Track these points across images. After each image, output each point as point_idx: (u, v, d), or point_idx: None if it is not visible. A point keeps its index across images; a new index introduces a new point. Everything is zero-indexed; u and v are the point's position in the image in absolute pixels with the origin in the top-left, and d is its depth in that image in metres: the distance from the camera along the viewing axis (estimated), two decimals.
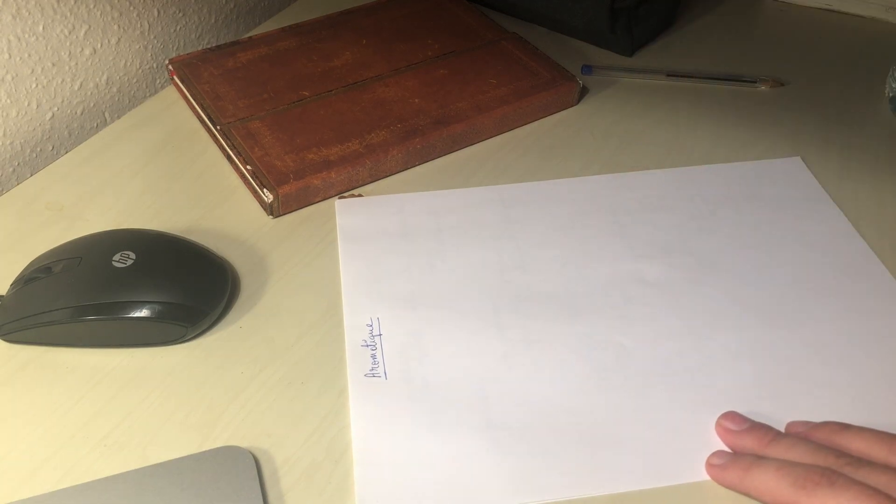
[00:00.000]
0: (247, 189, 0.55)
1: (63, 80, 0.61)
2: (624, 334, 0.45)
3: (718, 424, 0.41)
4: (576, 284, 0.48)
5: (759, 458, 0.37)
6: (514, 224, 0.52)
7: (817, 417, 0.40)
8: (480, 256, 0.50)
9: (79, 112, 0.64)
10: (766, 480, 0.36)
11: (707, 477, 0.39)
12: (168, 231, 0.50)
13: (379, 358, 0.44)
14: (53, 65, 0.60)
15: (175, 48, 0.70)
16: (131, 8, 0.65)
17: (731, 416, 0.41)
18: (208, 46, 0.66)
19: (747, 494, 0.37)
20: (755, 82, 0.65)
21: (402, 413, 0.42)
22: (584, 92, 0.64)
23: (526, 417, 0.41)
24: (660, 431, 0.41)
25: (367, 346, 0.45)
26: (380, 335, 0.45)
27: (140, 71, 0.67)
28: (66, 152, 0.59)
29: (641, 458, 0.40)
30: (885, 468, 0.35)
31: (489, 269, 0.49)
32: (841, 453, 0.36)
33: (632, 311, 0.47)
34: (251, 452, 0.39)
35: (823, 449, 0.37)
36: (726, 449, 0.40)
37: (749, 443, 0.39)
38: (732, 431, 0.40)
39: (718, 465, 0.39)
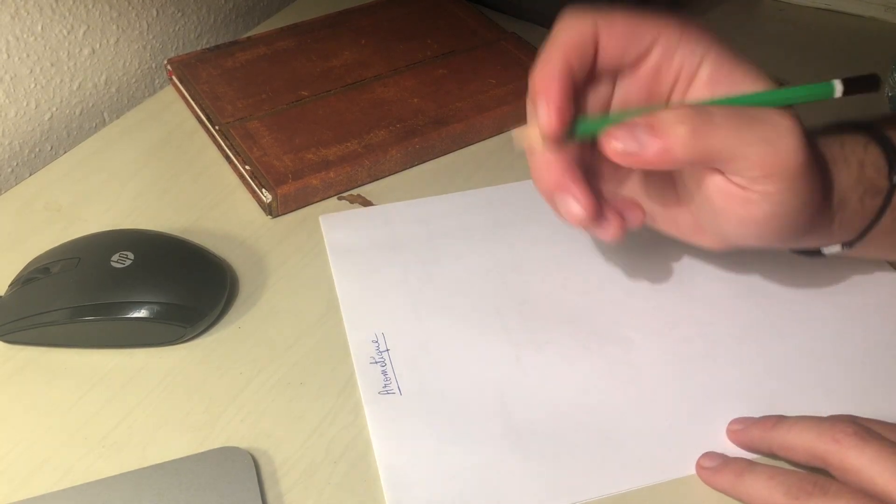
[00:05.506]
0: (245, 189, 0.55)
1: (62, 81, 0.61)
2: (629, 327, 0.45)
3: (727, 430, 0.41)
4: (574, 281, 0.48)
5: (751, 464, 0.37)
6: (504, 226, 0.52)
7: (827, 406, 0.41)
8: (476, 261, 0.50)
9: (77, 112, 0.64)
10: (759, 488, 0.36)
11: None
12: (166, 231, 0.49)
13: (390, 374, 0.43)
14: (52, 65, 0.60)
15: (174, 48, 0.70)
16: (130, 8, 0.64)
17: (735, 420, 0.41)
18: (207, 46, 0.66)
19: (739, 500, 0.37)
20: None
21: (423, 428, 0.41)
22: None
23: (549, 419, 0.41)
24: (681, 421, 0.41)
25: (377, 362, 0.44)
26: (387, 350, 0.45)
27: (139, 71, 0.67)
28: (65, 152, 0.59)
29: (670, 449, 0.40)
30: (894, 444, 0.35)
31: (487, 273, 0.49)
32: (850, 422, 0.36)
33: (634, 304, 0.47)
34: (250, 453, 0.39)
35: (830, 419, 0.37)
36: (723, 450, 0.40)
37: (756, 431, 0.39)
38: (739, 431, 0.40)
39: (710, 468, 0.39)
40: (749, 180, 0.36)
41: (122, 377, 0.44)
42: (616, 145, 0.35)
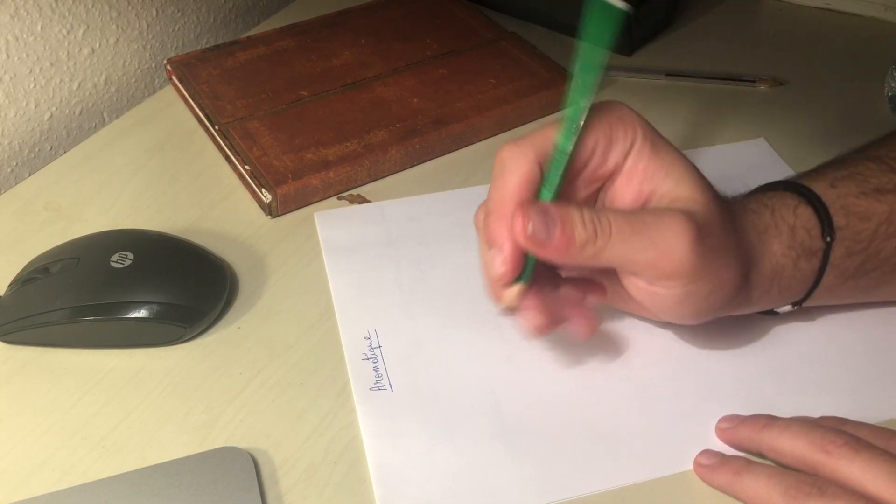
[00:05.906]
0: (245, 189, 0.55)
1: (61, 80, 0.61)
2: (622, 324, 0.45)
3: (716, 428, 0.41)
4: None
5: (749, 462, 0.38)
6: None
7: (824, 406, 0.41)
8: (469, 259, 0.49)
9: (77, 112, 0.64)
10: (757, 488, 0.36)
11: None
12: (166, 231, 0.49)
13: (382, 370, 0.43)
14: (52, 65, 0.60)
15: (174, 48, 0.70)
16: (130, 8, 0.64)
17: (724, 418, 0.41)
18: (207, 46, 0.66)
19: (736, 498, 0.37)
20: (754, 82, 0.65)
21: (415, 425, 0.41)
22: None
23: (540, 417, 0.41)
24: (675, 418, 0.41)
25: (368, 359, 0.44)
26: (379, 347, 0.45)
27: (138, 71, 0.67)
28: (65, 152, 0.59)
29: (665, 446, 0.40)
30: (884, 452, 0.35)
31: (480, 270, 0.49)
32: (840, 431, 0.36)
33: None
34: (250, 453, 0.39)
35: (820, 427, 0.37)
36: (719, 448, 0.40)
37: (745, 432, 0.39)
38: (728, 430, 0.40)
39: (708, 465, 0.39)
40: (647, 281, 0.38)
41: (121, 377, 0.44)
42: (529, 227, 0.36)
